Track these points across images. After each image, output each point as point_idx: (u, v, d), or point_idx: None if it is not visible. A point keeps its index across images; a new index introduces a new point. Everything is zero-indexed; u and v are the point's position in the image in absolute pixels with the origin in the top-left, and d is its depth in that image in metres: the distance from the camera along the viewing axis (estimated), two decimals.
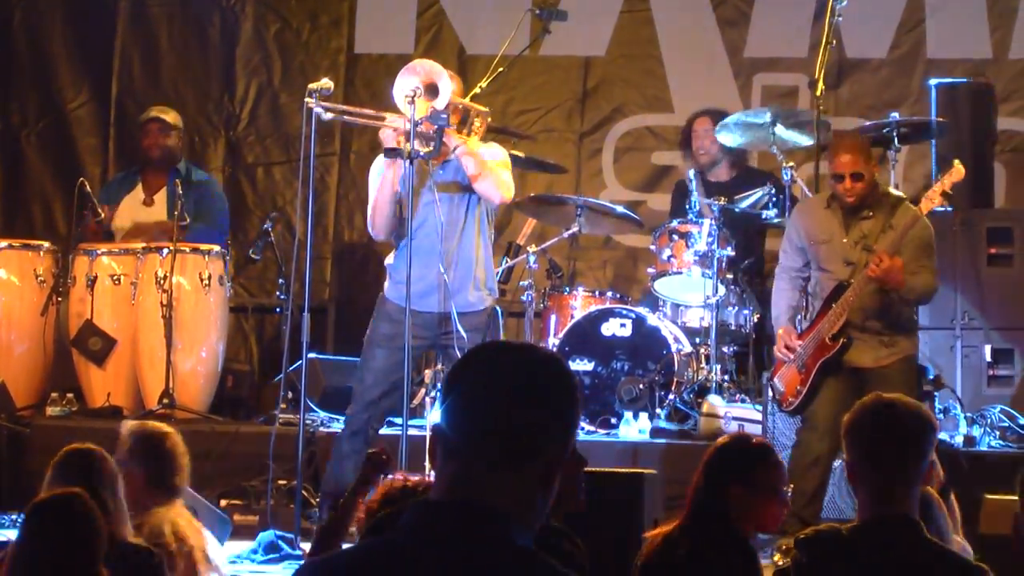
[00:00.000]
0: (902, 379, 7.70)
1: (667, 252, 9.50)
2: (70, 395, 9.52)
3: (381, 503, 4.33)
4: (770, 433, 8.33)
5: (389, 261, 7.90)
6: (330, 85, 7.83)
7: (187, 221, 9.70)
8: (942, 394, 8.77)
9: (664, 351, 9.27)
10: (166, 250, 9.47)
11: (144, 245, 9.64)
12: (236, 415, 9.93)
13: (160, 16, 11.66)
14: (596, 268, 11.22)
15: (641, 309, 9.52)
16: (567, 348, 9.32)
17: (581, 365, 9.29)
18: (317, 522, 7.83)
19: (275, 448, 8.00)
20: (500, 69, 8.98)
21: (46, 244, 10.04)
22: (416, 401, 8.99)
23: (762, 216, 9.62)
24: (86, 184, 9.90)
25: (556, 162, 10.47)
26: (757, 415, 8.78)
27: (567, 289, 9.73)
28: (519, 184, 8.22)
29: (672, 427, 9.04)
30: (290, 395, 9.03)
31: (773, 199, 9.52)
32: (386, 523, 4.00)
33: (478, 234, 7.75)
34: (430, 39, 11.43)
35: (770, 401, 8.31)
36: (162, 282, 9.40)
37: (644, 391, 9.17)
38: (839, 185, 7.79)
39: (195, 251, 9.61)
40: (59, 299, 9.73)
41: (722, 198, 9.60)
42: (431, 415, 8.67)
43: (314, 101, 7.69)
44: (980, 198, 9.74)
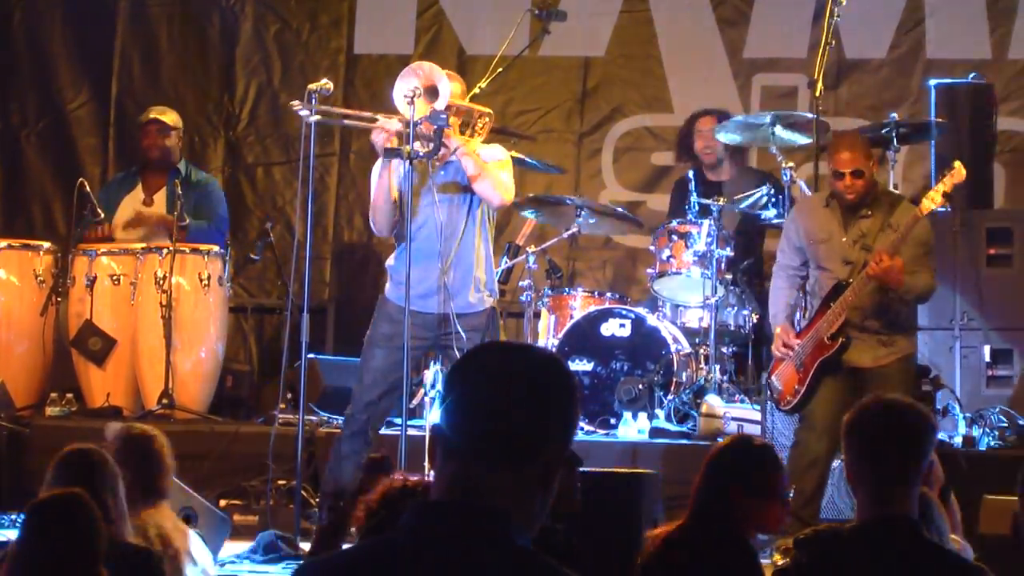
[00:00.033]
0: (901, 378, 7.70)
1: (666, 252, 9.50)
2: (70, 395, 9.52)
3: (381, 503, 4.32)
4: (769, 433, 8.33)
5: (390, 263, 7.87)
6: (329, 86, 7.82)
7: (187, 221, 9.71)
8: (941, 394, 8.77)
9: (663, 351, 9.27)
10: (165, 250, 9.48)
11: (144, 245, 9.65)
12: (236, 415, 9.93)
13: (160, 16, 11.66)
14: (595, 268, 11.22)
15: (640, 309, 9.52)
16: (566, 348, 9.32)
17: (580, 365, 9.29)
18: (317, 522, 7.83)
19: (275, 448, 8.00)
20: (500, 69, 8.97)
21: (46, 244, 10.03)
22: (415, 401, 8.98)
23: (761, 216, 9.62)
24: (86, 184, 9.89)
25: (555, 162, 10.47)
26: (756, 415, 8.78)
27: (567, 289, 9.73)
28: (519, 184, 8.21)
29: (671, 427, 9.04)
30: (289, 395, 9.03)
31: (772, 199, 9.52)
32: (386, 523, 4.01)
33: (479, 235, 7.71)
34: (430, 39, 11.43)
35: (768, 400, 8.30)
36: (161, 282, 9.40)
37: (643, 391, 9.17)
38: (839, 182, 7.78)
39: (195, 251, 9.62)
40: (59, 299, 9.73)
41: (721, 198, 9.60)
42: (430, 415, 8.66)
43: (300, 104, 7.69)
44: (980, 198, 9.73)
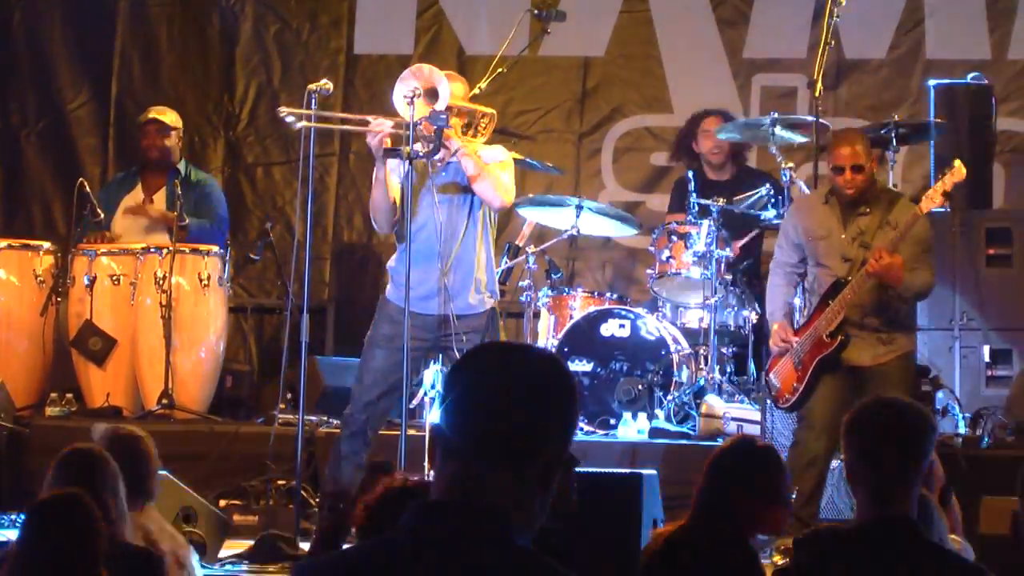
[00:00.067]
0: (901, 376, 7.69)
1: (666, 253, 9.50)
2: (70, 395, 9.51)
3: (381, 503, 4.33)
4: (769, 433, 8.33)
5: (391, 264, 7.84)
6: (329, 86, 7.82)
7: (186, 221, 9.70)
8: (941, 395, 8.77)
9: (663, 352, 9.27)
10: (165, 250, 9.48)
11: (144, 245, 9.65)
12: (235, 415, 9.93)
13: (160, 16, 11.66)
14: (595, 269, 11.21)
15: (640, 310, 9.52)
16: (566, 349, 9.31)
17: (580, 366, 9.28)
18: (317, 522, 7.82)
19: (274, 448, 8.00)
20: (499, 70, 8.97)
21: (46, 244, 10.03)
22: (415, 402, 8.98)
23: (760, 217, 9.62)
24: (86, 184, 9.89)
25: (555, 163, 10.46)
26: (756, 415, 8.77)
27: (566, 290, 9.72)
28: (519, 184, 8.20)
29: (671, 428, 9.04)
30: (289, 395, 9.03)
31: (772, 200, 9.52)
32: (386, 523, 4.00)
33: (480, 237, 7.68)
34: (430, 39, 11.43)
35: (766, 397, 8.30)
36: (161, 282, 9.40)
37: (643, 392, 9.17)
38: (839, 177, 7.76)
39: (194, 251, 9.62)
40: (58, 299, 9.73)
41: (721, 199, 9.60)
42: (430, 415, 8.66)
43: (287, 111, 7.68)
44: (979, 198, 9.73)
